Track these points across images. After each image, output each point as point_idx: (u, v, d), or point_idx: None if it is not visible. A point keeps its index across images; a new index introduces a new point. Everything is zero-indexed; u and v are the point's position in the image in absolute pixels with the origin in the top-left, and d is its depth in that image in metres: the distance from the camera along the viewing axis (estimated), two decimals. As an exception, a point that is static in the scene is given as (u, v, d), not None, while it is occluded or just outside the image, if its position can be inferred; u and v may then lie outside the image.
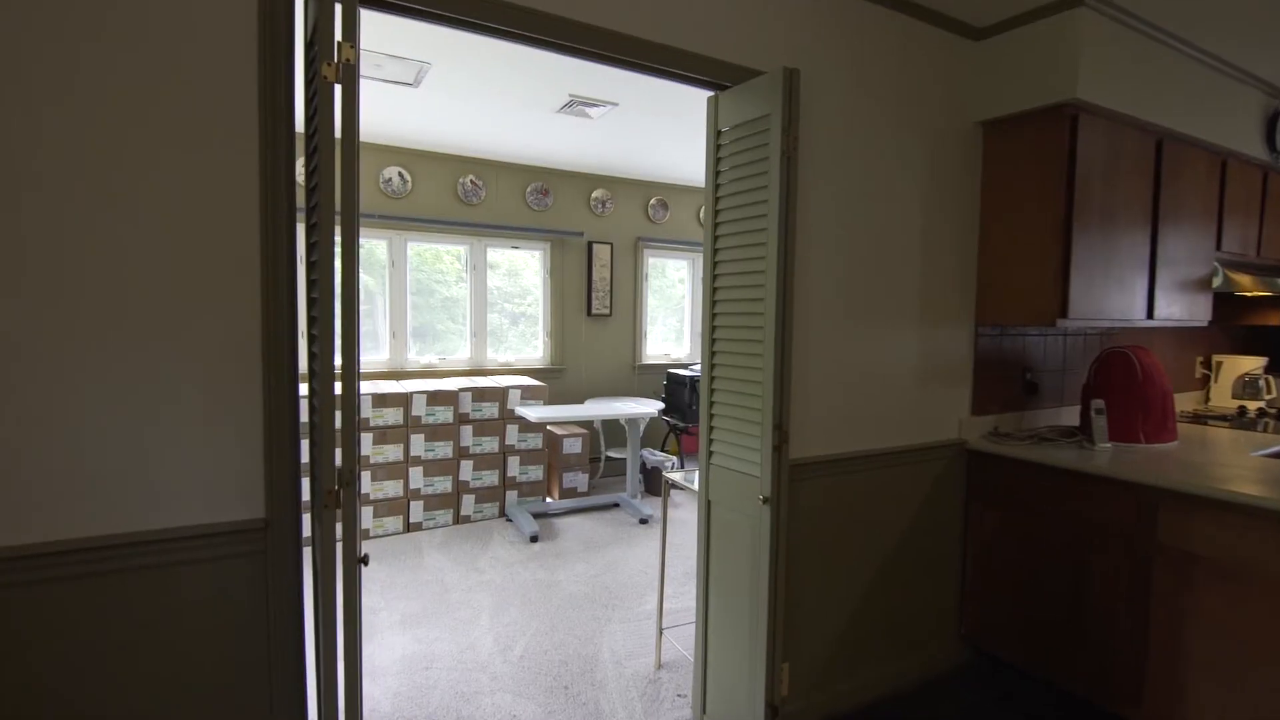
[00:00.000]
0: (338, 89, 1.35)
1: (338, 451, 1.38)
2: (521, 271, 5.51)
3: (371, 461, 4.13)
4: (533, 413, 4.30)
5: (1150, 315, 2.82)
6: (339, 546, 1.40)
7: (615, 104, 3.74)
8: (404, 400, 4.21)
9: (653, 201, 5.88)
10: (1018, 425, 2.92)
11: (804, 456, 2.27)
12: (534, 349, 5.56)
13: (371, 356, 4.88)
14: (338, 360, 1.39)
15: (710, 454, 2.21)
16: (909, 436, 2.59)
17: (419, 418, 4.26)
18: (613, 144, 4.64)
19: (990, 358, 2.83)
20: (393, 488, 4.21)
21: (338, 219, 1.37)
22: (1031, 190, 2.56)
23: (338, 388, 1.39)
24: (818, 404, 2.32)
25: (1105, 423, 2.63)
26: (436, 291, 5.22)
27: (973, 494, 2.75)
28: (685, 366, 6.10)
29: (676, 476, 2.64)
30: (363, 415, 4.10)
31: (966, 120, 2.68)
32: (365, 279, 4.86)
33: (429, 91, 3.60)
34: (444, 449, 4.36)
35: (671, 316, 6.27)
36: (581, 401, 5.63)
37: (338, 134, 1.36)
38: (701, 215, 6.14)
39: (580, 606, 3.26)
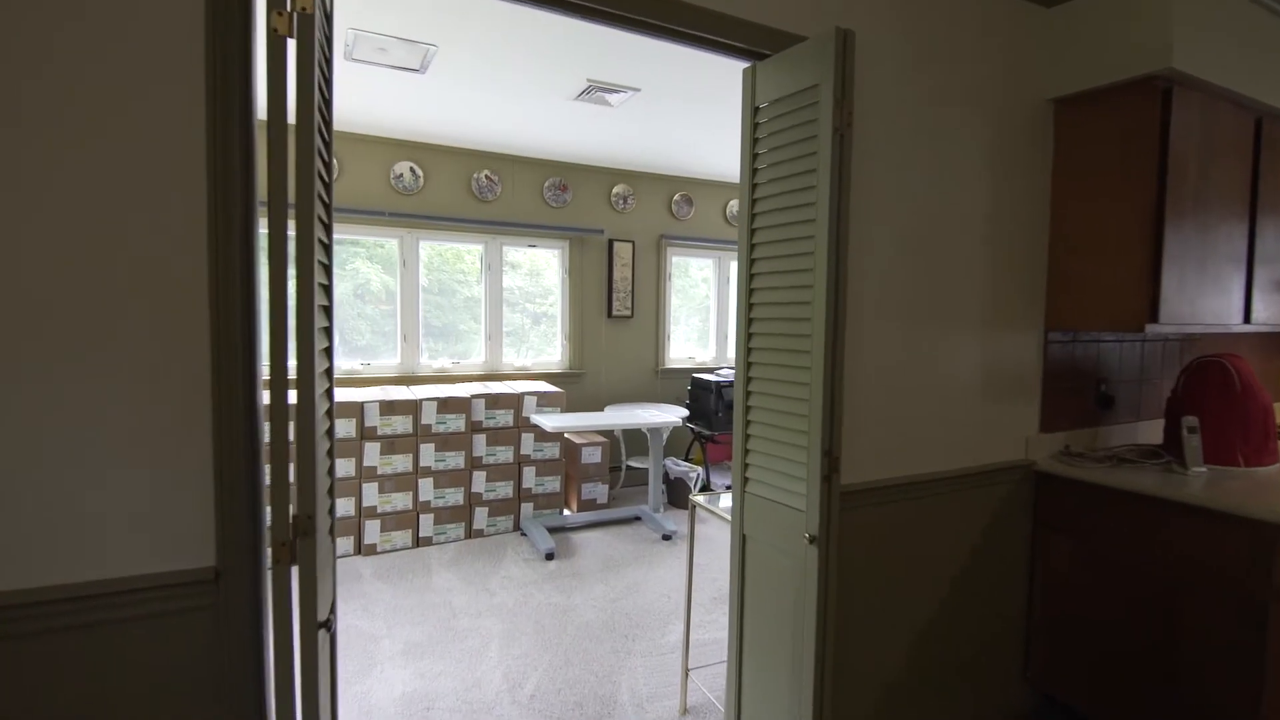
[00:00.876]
0: (291, 45, 1.09)
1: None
2: (543, 271, 5.26)
3: (379, 473, 3.91)
4: (549, 421, 4.04)
5: (1248, 319, 2.47)
6: (296, 610, 1.14)
7: (636, 89, 3.46)
8: (413, 408, 3.98)
9: (676, 197, 5.59)
10: (1091, 443, 2.59)
11: (854, 483, 1.97)
12: (552, 352, 5.31)
13: (383, 361, 4.66)
14: (293, 376, 1.13)
15: (745, 480, 1.92)
16: (970, 457, 2.28)
17: (429, 426, 4.03)
18: (634, 134, 4.36)
19: (1061, 367, 2.50)
20: (401, 500, 3.98)
21: (291, 210, 1.11)
22: (1114, 175, 2.23)
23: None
24: (869, 421, 2.02)
25: (1199, 443, 2.29)
26: (458, 292, 4.99)
27: (1042, 521, 2.43)
28: (711, 371, 5.81)
29: (703, 499, 2.36)
30: (369, 424, 3.87)
31: (1036, 97, 2.35)
32: (385, 279, 4.65)
33: (437, 78, 3.35)
34: (456, 459, 4.12)
35: (695, 317, 5.98)
36: (601, 408, 5.36)
37: (291, 101, 1.10)
38: (728, 211, 5.84)
39: (598, 637, 2.98)
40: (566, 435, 4.67)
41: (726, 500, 2.52)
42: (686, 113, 3.88)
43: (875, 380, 2.02)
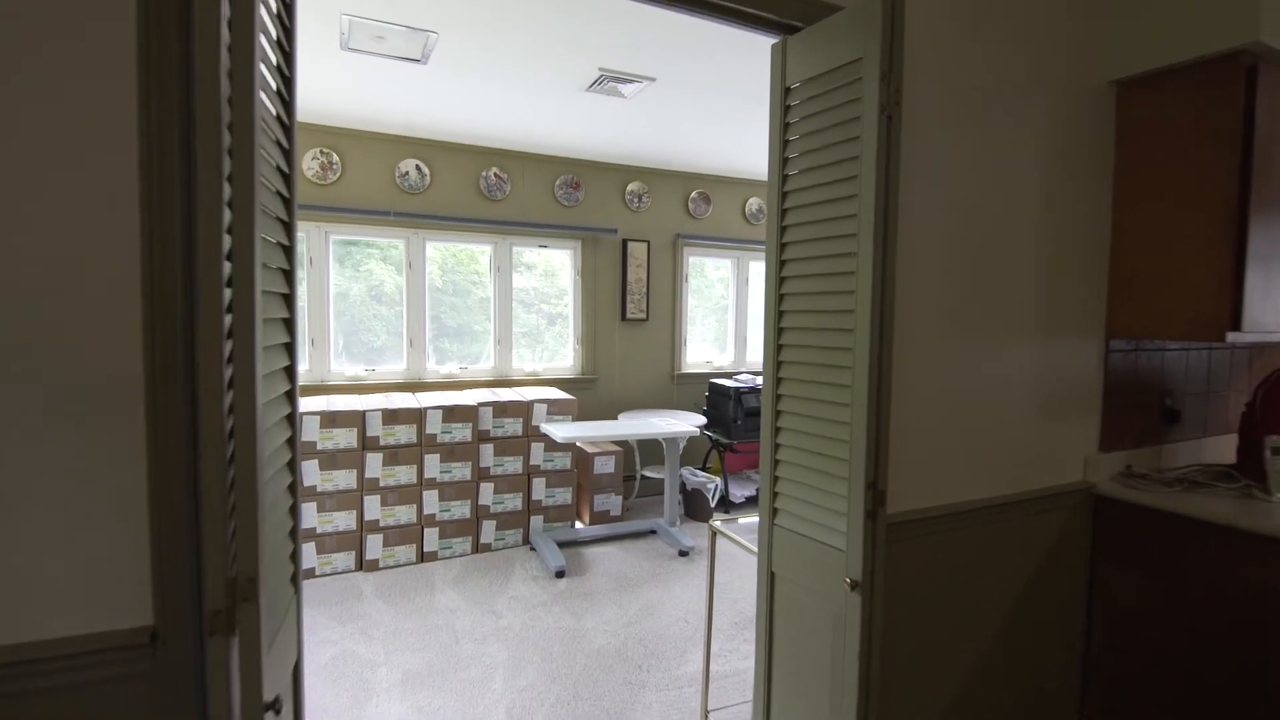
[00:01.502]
0: (226, -1, 0.89)
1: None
2: (559, 272, 5.07)
3: (381, 485, 3.73)
4: (560, 431, 3.84)
5: (1337, 325, 2.21)
6: (236, 690, 0.94)
7: (651, 79, 3.25)
8: (417, 416, 3.80)
9: (693, 195, 5.37)
10: (1155, 463, 2.33)
11: (896, 512, 1.74)
12: (564, 356, 5.11)
13: (389, 366, 4.49)
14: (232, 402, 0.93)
15: (775, 511, 1.70)
16: (1024, 480, 2.04)
17: (434, 436, 3.84)
18: (649, 128, 4.15)
19: (1123, 379, 2.25)
20: (405, 513, 3.80)
21: (227, 184, 0.91)
22: (1187, 165, 1.98)
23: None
24: (914, 443, 1.79)
25: (1285, 465, 2.03)
26: (472, 292, 4.82)
27: (1102, 551, 2.18)
28: (729, 376, 5.58)
29: (725, 526, 2.15)
30: (371, 433, 3.70)
31: (1095, 78, 2.11)
32: (399, 280, 4.48)
33: (439, 69, 3.17)
34: (462, 470, 3.93)
35: (711, 318, 5.75)
36: (614, 416, 5.15)
37: (225, 40, 0.90)
38: (748, 210, 5.60)
39: (610, 666, 2.78)
40: (578, 444, 4.47)
41: (748, 521, 2.31)
42: (704, 105, 3.66)
43: (920, 396, 1.79)
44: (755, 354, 5.86)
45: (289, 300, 1.19)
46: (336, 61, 3.11)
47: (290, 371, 1.19)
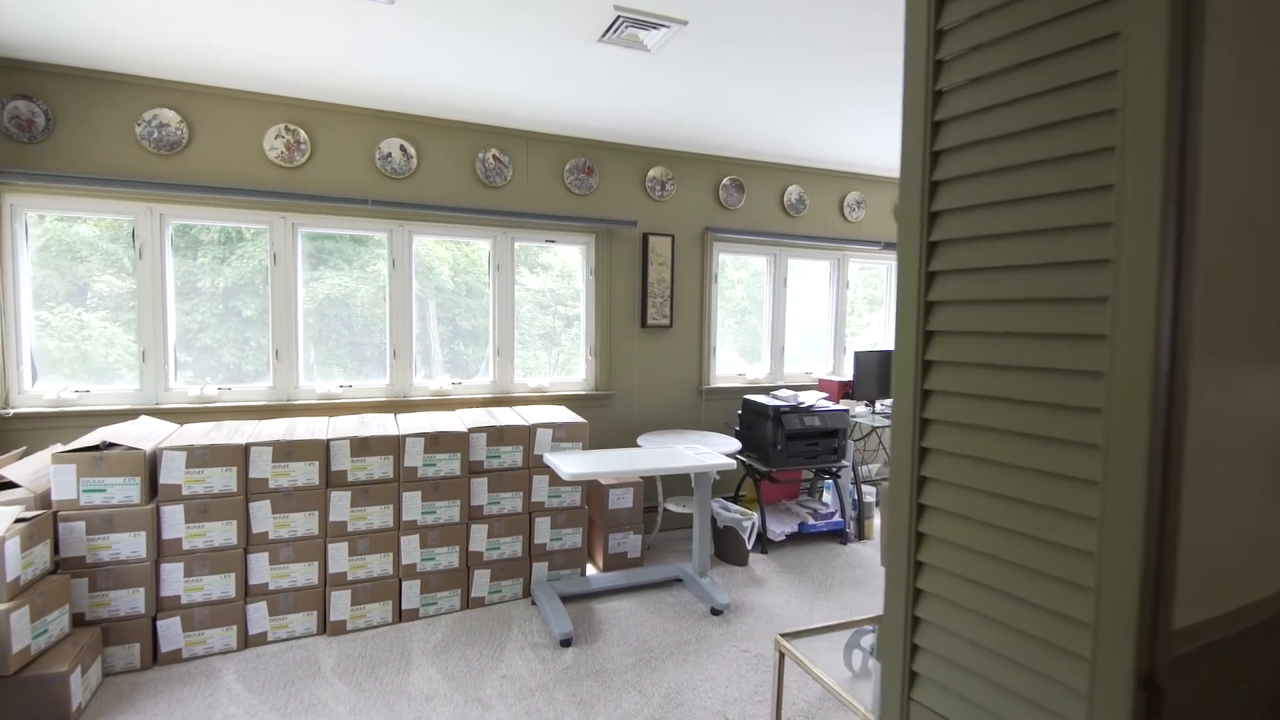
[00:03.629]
0: None
1: None
2: (575, 272, 4.38)
3: (349, 529, 3.06)
4: (567, 465, 3.15)
5: None
6: None
7: (682, 21, 2.55)
8: (393, 446, 3.12)
9: (725, 182, 4.66)
10: None
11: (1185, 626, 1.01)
12: (574, 369, 4.41)
13: (370, 382, 3.83)
14: None
15: (913, 679, 0.98)
16: None
17: (414, 469, 3.17)
18: (675, 95, 3.45)
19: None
20: (378, 564, 3.12)
21: None
22: None
23: None
24: (1202, 516, 1.06)
25: None
26: (484, 293, 4.16)
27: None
28: (766, 391, 4.85)
29: (793, 646, 1.44)
30: (337, 467, 3.03)
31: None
32: (376, 281, 3.82)
33: (414, 12, 2.49)
34: (449, 510, 3.25)
35: (733, 319, 5.02)
36: (633, 439, 4.45)
37: None
38: (786, 199, 4.87)
39: (627, 798, 2.07)
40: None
41: (829, 634, 1.60)
42: (746, 60, 2.95)
43: (1218, 444, 1.06)
44: (794, 366, 5.12)
45: None
46: (300, 18, 2.45)
47: None
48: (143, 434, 2.90)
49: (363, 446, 3.07)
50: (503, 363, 4.13)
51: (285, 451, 2.93)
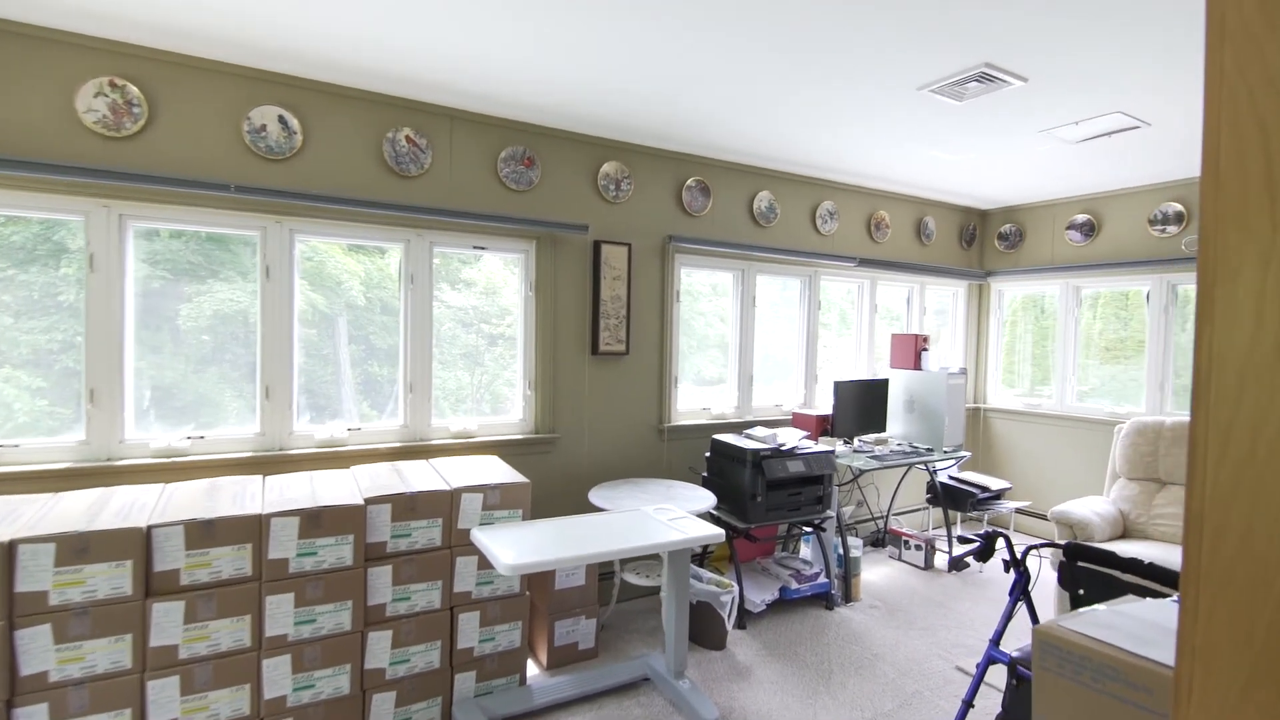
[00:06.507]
0: None
1: None
2: (501, 289, 3.54)
3: (180, 656, 2.10)
4: (507, 548, 2.30)
5: None
6: None
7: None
8: (253, 529, 2.19)
9: (689, 183, 3.95)
10: None
11: None
12: (506, 404, 3.57)
13: (230, 431, 2.86)
14: None
15: None
16: None
17: (284, 562, 2.24)
18: (629, 59, 2.71)
19: None
20: (228, 703, 2.17)
21: None
22: None
23: None
24: None
25: None
26: (399, 310, 3.25)
27: None
28: (737, 429, 4.16)
29: None
30: (165, 565, 2.07)
31: None
32: (313, 297, 2.85)
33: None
34: (337, 616, 2.34)
35: (700, 353, 4.30)
36: (585, 494, 3.64)
37: None
38: (755, 207, 4.21)
39: None
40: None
41: None
42: (712, 26, 2.25)
43: None
44: (766, 398, 4.45)
45: None
46: None
47: None
48: None
49: (205, 532, 2.12)
50: (417, 401, 3.23)
51: (77, 548, 1.96)
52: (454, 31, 2.41)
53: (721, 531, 2.56)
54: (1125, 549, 3.46)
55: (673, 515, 2.77)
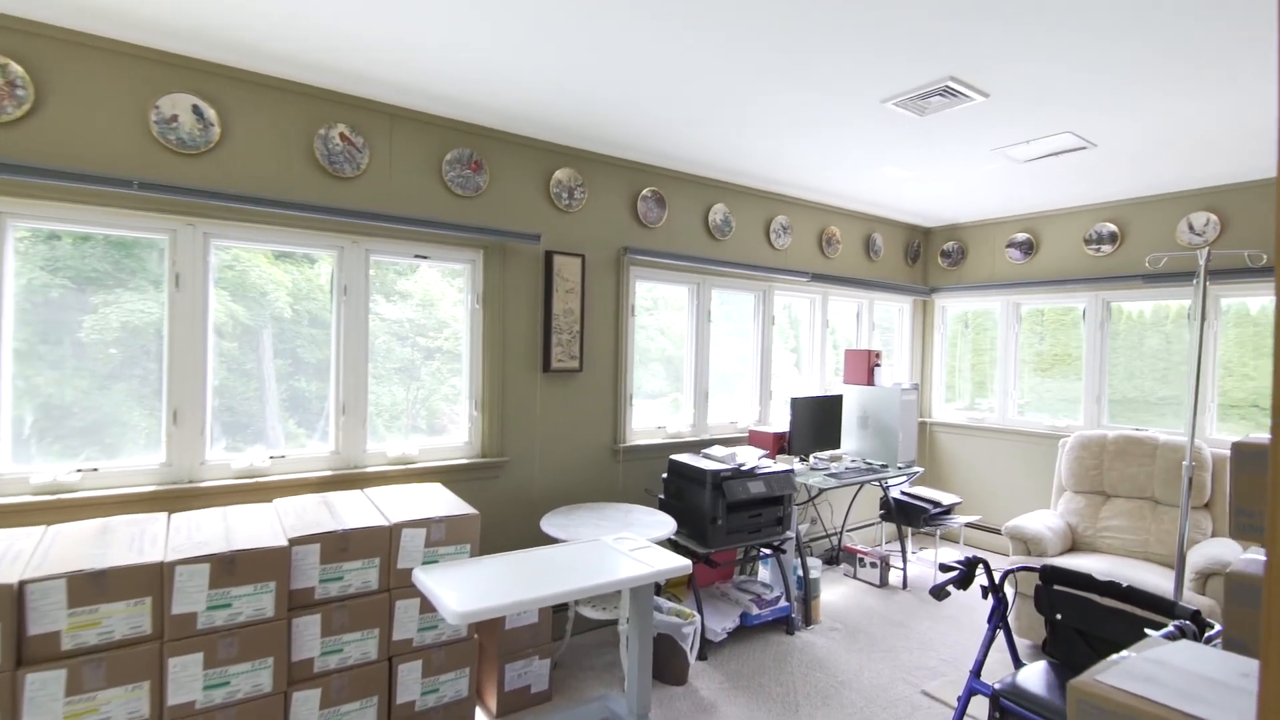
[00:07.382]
0: None
1: None
2: (438, 300, 3.29)
3: (61, 736, 1.77)
4: (455, 593, 2.05)
5: None
6: None
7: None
8: (152, 579, 1.88)
9: (644, 193, 3.81)
10: None
11: None
12: (452, 430, 3.30)
13: (131, 461, 2.50)
14: None
15: None
16: None
17: (192, 617, 1.93)
18: (585, 54, 2.55)
19: None
20: (120, 785, 1.84)
21: None
22: None
23: None
24: None
25: None
26: (329, 323, 2.94)
27: None
28: (695, 449, 4.01)
29: None
30: (39, 629, 1.74)
31: None
32: (234, 308, 2.50)
33: None
34: (254, 676, 2.03)
35: (642, 367, 4.15)
36: (536, 522, 3.41)
37: None
38: (711, 220, 4.10)
39: None
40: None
41: None
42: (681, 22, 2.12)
43: None
44: (721, 415, 4.33)
45: None
46: None
47: None
48: None
49: (93, 585, 1.80)
50: (351, 424, 2.93)
51: (-75, 613, 1.61)
52: (391, 21, 2.18)
53: (688, 562, 2.38)
54: (1077, 563, 3.48)
55: (634, 545, 2.58)
